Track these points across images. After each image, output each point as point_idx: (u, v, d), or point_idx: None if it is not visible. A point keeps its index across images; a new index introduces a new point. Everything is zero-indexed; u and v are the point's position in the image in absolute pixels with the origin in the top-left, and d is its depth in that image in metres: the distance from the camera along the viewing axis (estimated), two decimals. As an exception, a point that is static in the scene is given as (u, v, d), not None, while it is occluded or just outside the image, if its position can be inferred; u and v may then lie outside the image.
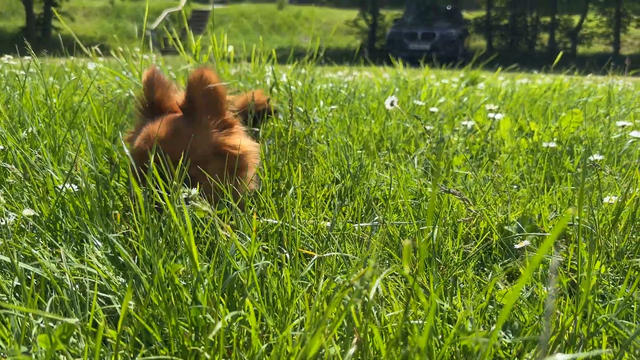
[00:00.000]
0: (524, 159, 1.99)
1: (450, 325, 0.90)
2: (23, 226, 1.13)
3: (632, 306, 0.91)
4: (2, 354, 0.76)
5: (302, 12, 26.75)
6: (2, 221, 1.13)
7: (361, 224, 1.22)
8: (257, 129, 1.69)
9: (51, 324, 0.81)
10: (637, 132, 1.88)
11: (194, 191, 1.17)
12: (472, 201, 1.37)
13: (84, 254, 1.04)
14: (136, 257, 1.04)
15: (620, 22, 22.75)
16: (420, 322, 0.79)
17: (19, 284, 0.87)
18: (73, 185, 1.13)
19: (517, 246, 1.16)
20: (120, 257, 1.03)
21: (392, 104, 2.16)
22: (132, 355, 0.78)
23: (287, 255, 0.98)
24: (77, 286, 0.92)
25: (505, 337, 0.84)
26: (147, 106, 1.34)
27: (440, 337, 0.80)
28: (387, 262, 1.19)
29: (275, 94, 2.54)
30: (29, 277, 1.00)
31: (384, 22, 24.44)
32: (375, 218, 1.35)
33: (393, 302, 0.95)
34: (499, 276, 1.13)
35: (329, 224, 1.28)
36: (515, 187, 1.70)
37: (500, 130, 2.22)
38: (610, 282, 1.08)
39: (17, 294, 0.94)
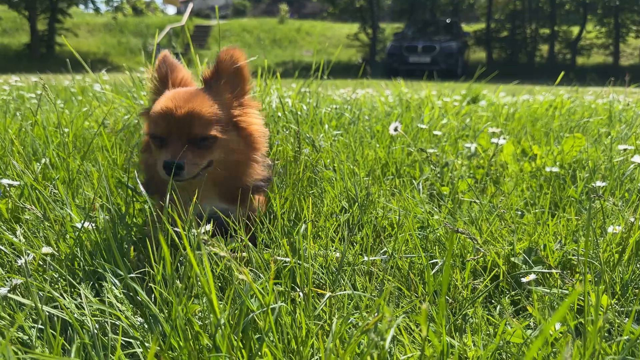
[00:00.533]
0: (528, 184, 2.02)
1: (461, 363, 0.92)
2: (42, 263, 1.16)
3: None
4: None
5: (302, 27, 26.96)
6: (21, 259, 1.16)
7: (371, 258, 1.24)
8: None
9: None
10: (639, 157, 1.91)
11: (208, 227, 1.20)
12: (479, 232, 1.40)
13: (103, 293, 1.07)
14: (153, 295, 1.07)
15: (620, 32, 22.88)
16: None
17: (42, 327, 0.90)
18: (90, 223, 1.16)
19: (523, 280, 1.19)
20: (137, 296, 1.06)
21: (395, 130, 2.20)
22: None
23: (301, 293, 1.01)
24: (97, 326, 0.95)
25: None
26: (160, 82, 1.41)
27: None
28: (397, 295, 1.21)
29: (280, 118, 2.58)
30: (47, 312, 1.02)
31: (384, 35, 24.60)
32: (384, 250, 1.37)
33: (404, 339, 0.97)
34: (506, 311, 1.15)
35: (338, 254, 1.31)
36: (519, 212, 1.73)
37: (503, 154, 2.25)
38: (615, 315, 1.10)
39: (39, 335, 0.97)
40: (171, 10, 37.14)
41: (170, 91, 1.34)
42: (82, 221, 1.11)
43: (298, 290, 1.03)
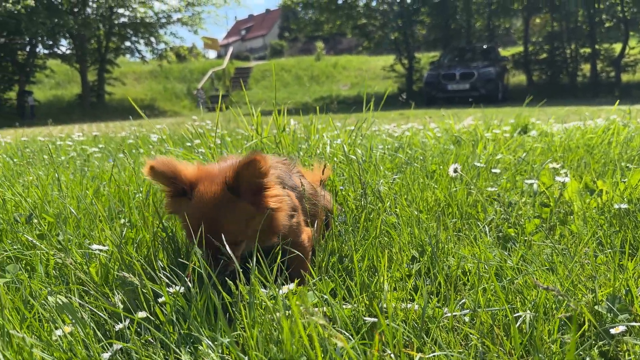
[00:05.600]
0: (596, 221, 1.98)
1: None
2: (139, 330, 1.22)
3: None
4: None
5: (339, 62, 27.47)
6: (119, 324, 1.22)
7: (454, 313, 1.25)
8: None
9: None
10: None
11: (292, 286, 1.24)
12: (559, 282, 1.38)
13: (199, 356, 1.12)
14: (247, 357, 1.11)
15: (664, 47, 22.14)
16: None
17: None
18: (181, 287, 1.22)
19: (612, 331, 1.16)
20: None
21: (455, 171, 2.21)
22: None
23: (392, 355, 1.03)
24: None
25: None
26: (172, 189, 1.38)
27: None
28: (481, 350, 1.21)
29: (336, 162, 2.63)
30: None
31: (420, 65, 24.65)
32: (462, 301, 1.37)
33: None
34: (599, 364, 1.13)
35: (417, 307, 1.32)
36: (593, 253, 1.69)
37: (567, 191, 2.21)
38: None
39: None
40: (212, 54, 38.59)
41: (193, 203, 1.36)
42: (179, 287, 1.17)
43: (388, 351, 1.05)
